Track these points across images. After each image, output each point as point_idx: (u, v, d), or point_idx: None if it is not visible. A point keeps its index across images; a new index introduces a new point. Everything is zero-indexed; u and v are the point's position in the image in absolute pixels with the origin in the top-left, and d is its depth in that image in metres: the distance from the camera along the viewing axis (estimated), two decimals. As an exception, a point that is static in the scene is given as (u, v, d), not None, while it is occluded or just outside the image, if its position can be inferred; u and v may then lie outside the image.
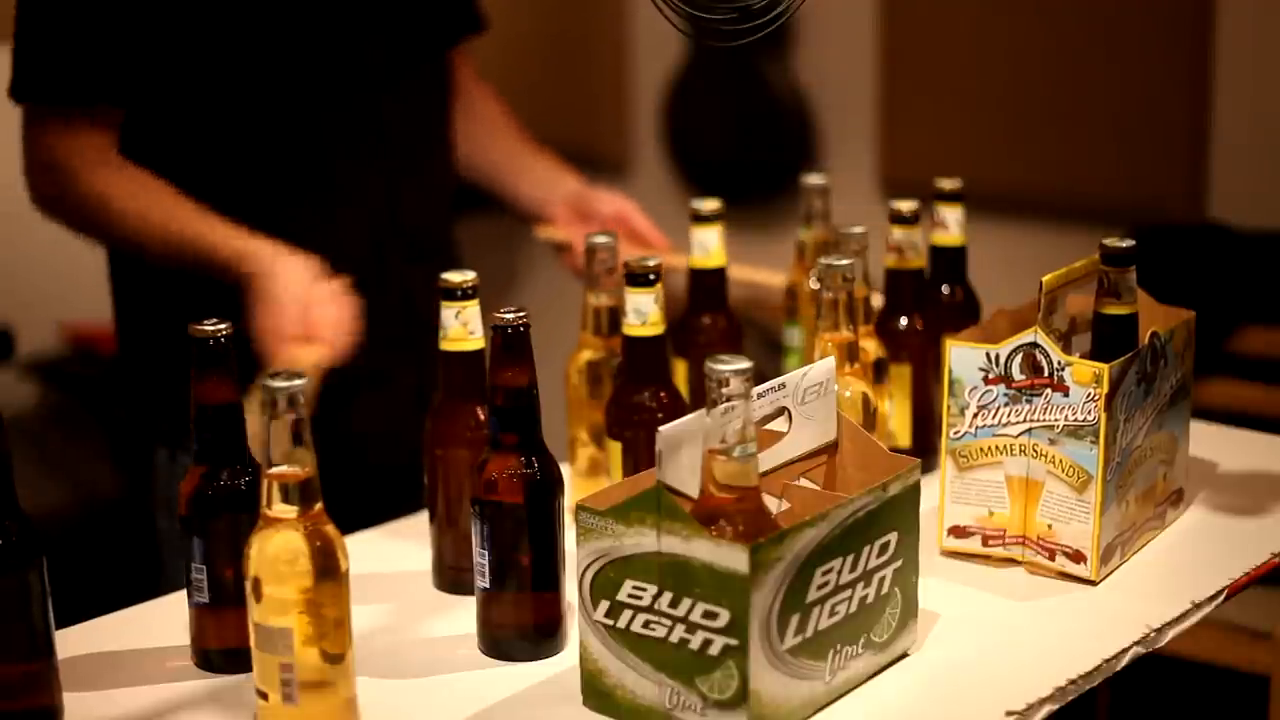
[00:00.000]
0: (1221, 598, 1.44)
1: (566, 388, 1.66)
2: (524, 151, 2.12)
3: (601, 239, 1.61)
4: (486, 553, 1.33)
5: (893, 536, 1.28)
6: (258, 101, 1.84)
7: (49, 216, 1.87)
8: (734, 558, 1.14)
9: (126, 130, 1.84)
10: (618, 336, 1.60)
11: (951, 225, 1.72)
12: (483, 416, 1.43)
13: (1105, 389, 1.41)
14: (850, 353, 1.48)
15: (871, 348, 1.62)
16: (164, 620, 1.42)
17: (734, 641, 1.16)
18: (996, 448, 1.47)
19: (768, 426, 1.32)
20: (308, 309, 1.65)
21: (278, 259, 1.69)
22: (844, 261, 1.45)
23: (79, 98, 1.80)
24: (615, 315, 1.61)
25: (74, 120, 1.81)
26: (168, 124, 1.85)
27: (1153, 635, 1.37)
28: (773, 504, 1.33)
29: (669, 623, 1.18)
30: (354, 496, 1.50)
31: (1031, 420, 1.45)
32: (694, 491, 1.19)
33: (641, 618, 1.20)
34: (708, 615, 1.16)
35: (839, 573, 1.22)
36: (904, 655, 1.33)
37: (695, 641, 1.18)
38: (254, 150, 1.86)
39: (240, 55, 1.82)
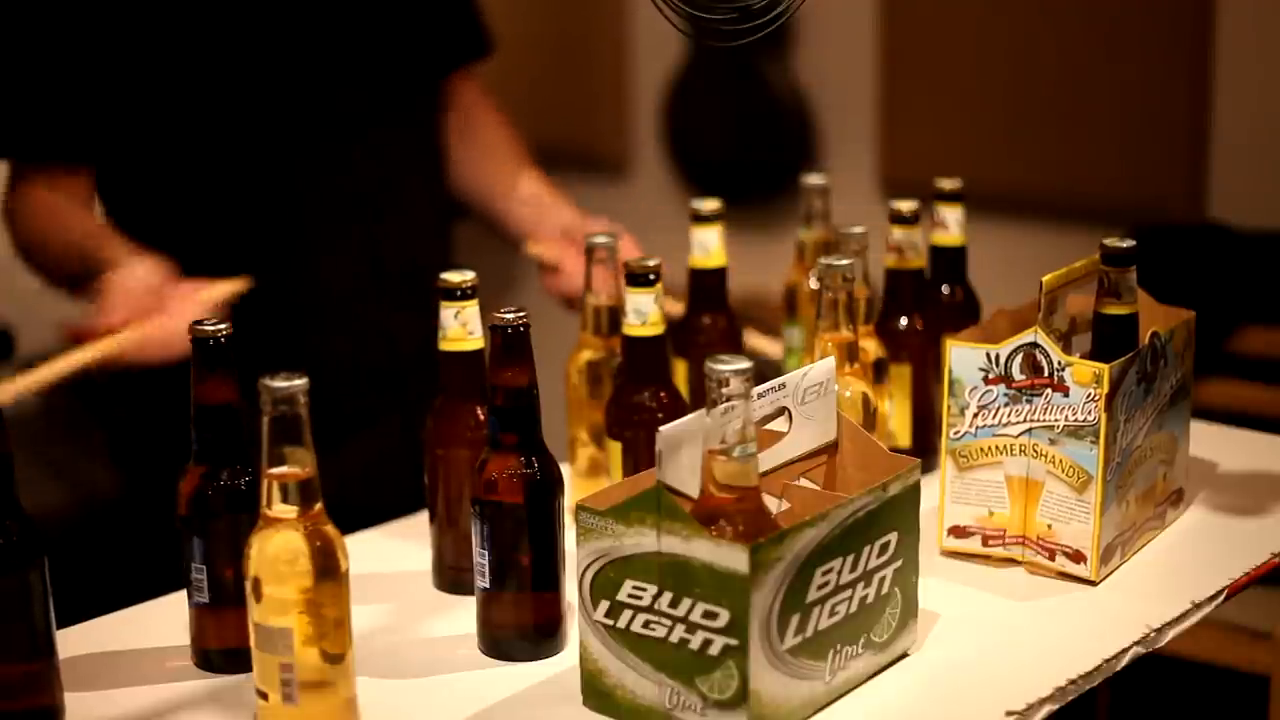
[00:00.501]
0: (1221, 598, 1.44)
1: (566, 388, 1.66)
2: (519, 176, 2.06)
3: (602, 239, 1.61)
4: (486, 553, 1.33)
5: (893, 536, 1.28)
6: (231, 148, 1.82)
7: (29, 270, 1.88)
8: (734, 558, 1.14)
9: (104, 183, 1.85)
10: (618, 336, 1.60)
11: (951, 225, 1.72)
12: (483, 416, 1.43)
13: (1105, 389, 1.41)
14: (850, 353, 1.48)
15: (871, 348, 1.62)
16: (164, 620, 1.42)
17: (734, 641, 1.16)
18: (996, 448, 1.48)
19: (768, 426, 1.32)
20: (138, 299, 1.61)
21: (124, 257, 1.67)
22: (844, 261, 1.45)
23: (38, 155, 1.81)
24: (615, 315, 1.61)
25: (29, 175, 1.82)
26: (142, 173, 1.84)
27: (1153, 635, 1.37)
28: (773, 504, 1.33)
29: (669, 623, 1.18)
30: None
31: (1032, 420, 1.45)
32: (694, 491, 1.19)
33: (641, 618, 1.20)
34: (708, 615, 1.16)
35: (839, 573, 1.22)
36: (904, 655, 1.33)
37: (695, 641, 1.18)
38: (230, 196, 1.84)
39: (212, 102, 1.80)
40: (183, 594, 1.35)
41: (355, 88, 1.88)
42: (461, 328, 1.43)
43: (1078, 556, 1.45)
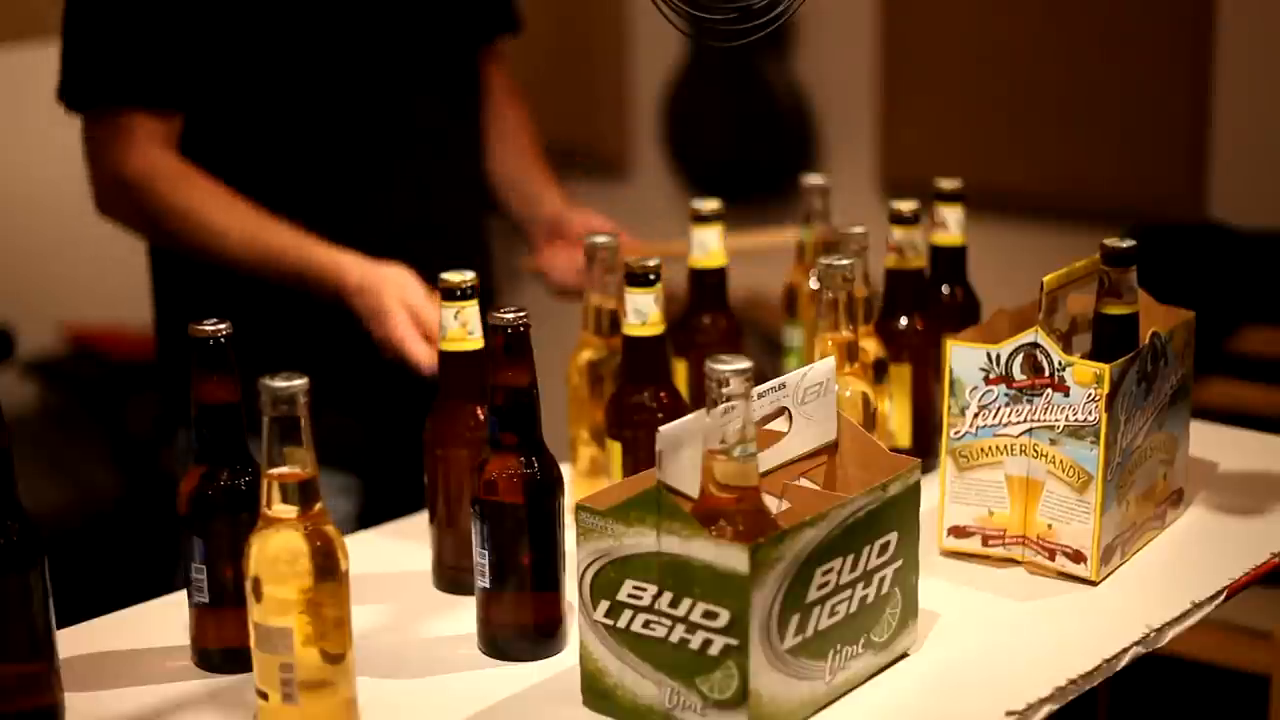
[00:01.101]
0: (1221, 598, 1.44)
1: (568, 387, 1.66)
2: (522, 166, 2.15)
3: (602, 239, 1.61)
4: (486, 553, 1.33)
5: (893, 536, 1.28)
6: (299, 99, 1.88)
7: (123, 228, 1.90)
8: (734, 558, 1.14)
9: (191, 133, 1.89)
10: (618, 336, 1.60)
11: (951, 225, 1.72)
12: (483, 416, 1.43)
13: (1106, 389, 1.41)
14: (850, 353, 1.48)
15: (871, 348, 1.62)
16: (164, 620, 1.42)
17: (734, 641, 1.16)
18: (997, 448, 1.47)
19: (768, 426, 1.32)
20: (415, 312, 1.74)
21: (373, 270, 1.77)
22: (844, 261, 1.45)
23: (139, 99, 1.82)
24: (616, 315, 1.61)
25: (136, 128, 1.83)
26: (212, 126, 1.88)
27: (1153, 635, 1.37)
28: (773, 504, 1.33)
29: (669, 623, 1.18)
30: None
31: (1032, 420, 1.45)
32: (694, 491, 1.19)
33: (641, 618, 1.20)
34: (708, 615, 1.16)
35: (839, 573, 1.22)
36: (904, 655, 1.33)
37: (695, 641, 1.18)
38: (294, 148, 1.89)
39: (285, 52, 1.85)
40: (183, 594, 1.35)
41: (415, 39, 1.94)
42: (461, 328, 1.43)
43: (1078, 556, 1.45)
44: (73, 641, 1.37)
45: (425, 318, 1.73)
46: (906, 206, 1.69)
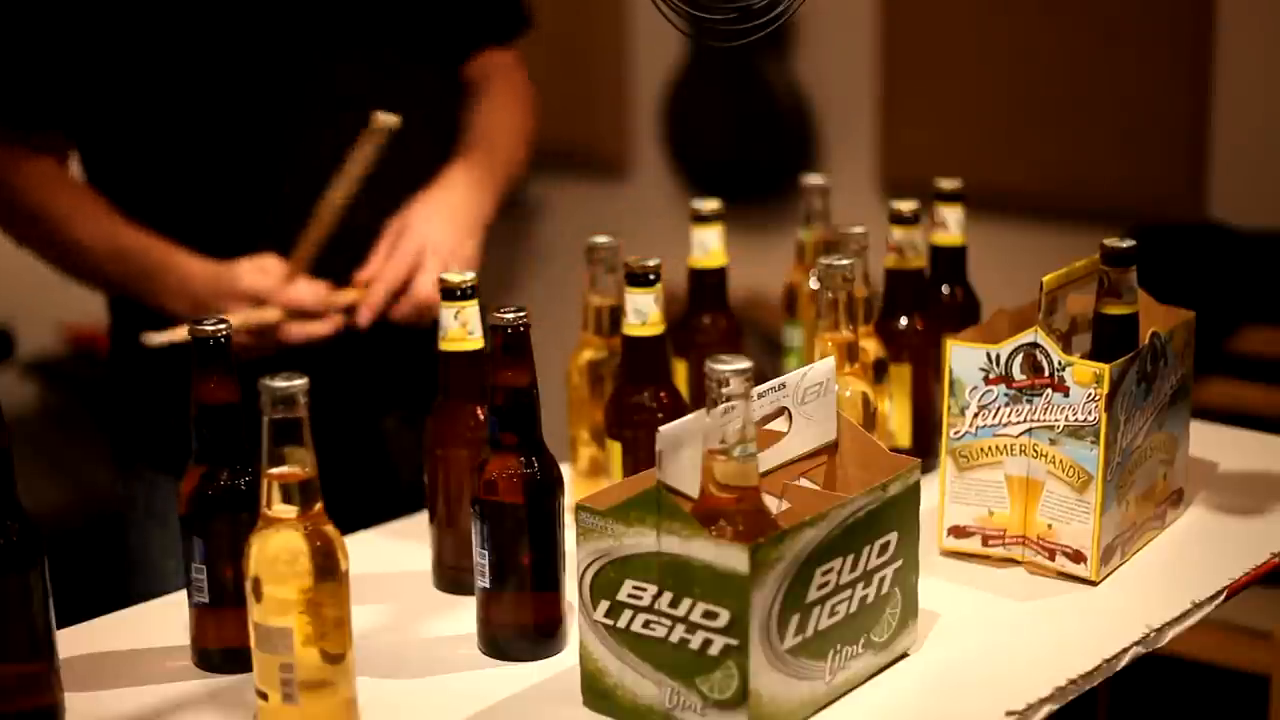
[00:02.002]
0: (1221, 598, 1.44)
1: (568, 387, 1.66)
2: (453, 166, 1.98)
3: (602, 239, 1.61)
4: (486, 553, 1.33)
5: (893, 536, 1.28)
6: (211, 120, 1.81)
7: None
8: (734, 558, 1.14)
9: (89, 155, 1.85)
10: (618, 336, 1.60)
11: (951, 225, 1.73)
12: (483, 416, 1.43)
13: (1106, 389, 1.41)
14: (850, 353, 1.48)
15: (871, 348, 1.62)
16: (164, 620, 1.42)
17: (734, 641, 1.16)
18: (997, 448, 1.47)
19: (768, 426, 1.32)
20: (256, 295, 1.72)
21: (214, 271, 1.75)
22: (844, 261, 1.45)
23: (22, 123, 1.80)
24: (616, 315, 1.61)
25: (18, 144, 1.81)
26: (124, 149, 1.84)
27: (1153, 635, 1.37)
28: (773, 504, 1.33)
29: (669, 623, 1.18)
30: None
31: (1032, 420, 1.45)
32: (694, 491, 1.19)
33: (641, 618, 1.20)
34: (708, 615, 1.16)
35: (839, 573, 1.22)
36: (904, 655, 1.33)
37: (695, 641, 1.18)
38: (223, 171, 1.83)
39: (191, 76, 1.79)
40: (183, 594, 1.35)
41: (359, 62, 1.85)
42: (461, 328, 1.43)
43: (1078, 556, 1.45)
44: (73, 641, 1.37)
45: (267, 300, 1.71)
46: (906, 206, 1.69)
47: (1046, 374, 1.44)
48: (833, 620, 1.23)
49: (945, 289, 1.75)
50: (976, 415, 1.48)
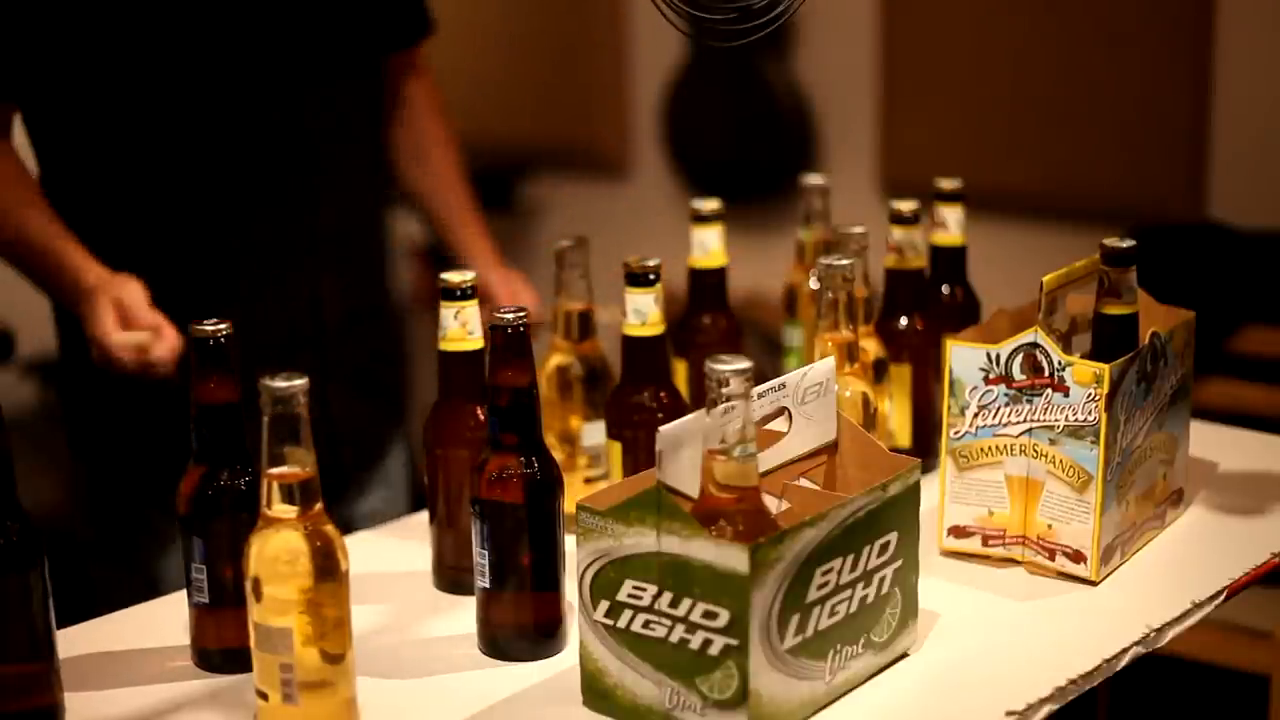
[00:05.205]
0: (1221, 598, 1.44)
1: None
2: (446, 199, 2.12)
3: (567, 243, 1.61)
4: (486, 553, 1.33)
5: (893, 536, 1.28)
6: (158, 106, 1.81)
7: None
8: (734, 558, 1.14)
9: (40, 140, 1.85)
10: (589, 341, 1.60)
11: (951, 225, 1.73)
12: (483, 416, 1.43)
13: (1106, 389, 1.41)
14: (850, 353, 1.48)
15: (871, 348, 1.62)
16: (164, 620, 1.42)
17: (734, 641, 1.16)
18: (997, 448, 1.48)
19: (768, 426, 1.32)
20: (126, 310, 1.68)
21: (105, 275, 1.72)
22: (844, 261, 1.45)
23: None
24: (585, 320, 1.61)
25: None
26: (67, 126, 1.84)
27: (1153, 635, 1.37)
28: (773, 504, 1.33)
29: (669, 623, 1.18)
30: None
31: (1032, 420, 1.45)
32: (694, 491, 1.19)
33: (641, 618, 1.20)
34: (708, 615, 1.16)
35: (839, 573, 1.22)
36: (904, 655, 1.33)
37: (695, 641, 1.18)
38: (156, 156, 1.84)
39: (143, 58, 1.79)
40: (183, 594, 1.35)
41: (291, 54, 1.87)
42: (461, 328, 1.43)
43: (1078, 556, 1.45)
44: (73, 641, 1.37)
45: (134, 316, 1.67)
46: (906, 206, 1.70)
47: (1046, 374, 1.44)
48: (833, 620, 1.23)
49: (945, 289, 1.75)
50: (976, 415, 1.48)
